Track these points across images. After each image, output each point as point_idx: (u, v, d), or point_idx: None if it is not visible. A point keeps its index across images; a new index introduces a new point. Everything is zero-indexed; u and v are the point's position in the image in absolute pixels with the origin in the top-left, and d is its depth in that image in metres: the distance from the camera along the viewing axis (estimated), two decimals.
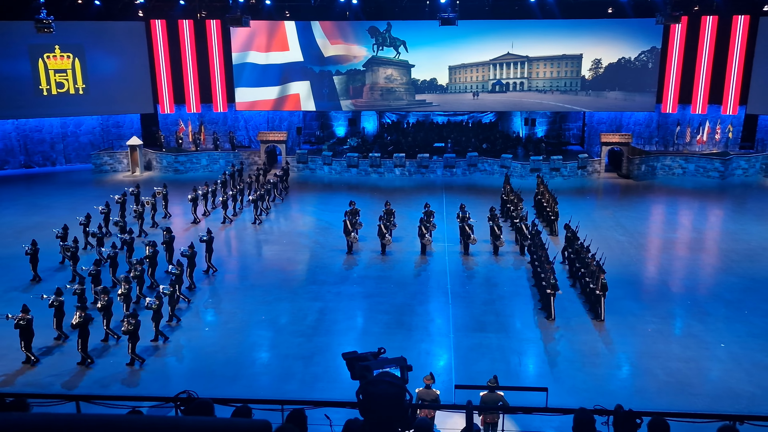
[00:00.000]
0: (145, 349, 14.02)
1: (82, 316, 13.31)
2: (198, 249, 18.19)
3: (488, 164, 31.65)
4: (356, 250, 20.51)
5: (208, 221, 23.77)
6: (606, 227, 23.13)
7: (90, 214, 21.10)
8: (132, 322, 13.23)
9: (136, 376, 13.12)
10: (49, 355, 13.91)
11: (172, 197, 25.25)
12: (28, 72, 31.86)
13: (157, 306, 14.28)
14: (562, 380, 12.69)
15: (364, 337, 14.55)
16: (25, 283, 17.81)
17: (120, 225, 20.63)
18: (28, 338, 13.40)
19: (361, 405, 3.00)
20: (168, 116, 34.94)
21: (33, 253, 17.88)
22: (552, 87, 33.16)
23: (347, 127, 36.53)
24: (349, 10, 32.85)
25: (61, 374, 13.19)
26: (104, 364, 13.62)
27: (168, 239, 18.62)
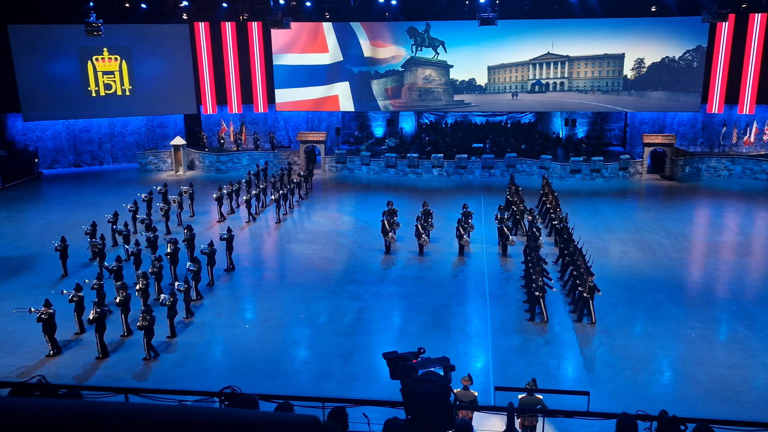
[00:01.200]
0: (185, 345, 14.40)
1: (98, 311, 13.79)
2: (218, 247, 18.53)
3: (527, 165, 31.36)
4: (394, 250, 20.63)
5: (233, 219, 24.23)
6: (648, 230, 22.69)
7: (117, 212, 21.77)
8: (147, 318, 13.65)
9: (176, 370, 13.48)
10: (68, 349, 14.39)
11: (207, 196, 25.72)
12: (77, 74, 32.96)
13: (172, 303, 14.68)
14: (602, 385, 12.53)
15: (402, 337, 14.64)
16: (54, 279, 18.43)
17: (146, 223, 21.21)
18: (51, 331, 13.95)
19: (406, 403, 3.08)
20: (210, 117, 35.70)
21: (62, 249, 18.56)
22: (593, 87, 32.66)
23: (385, 127, 36.68)
24: (388, 10, 32.99)
25: (80, 366, 13.65)
26: (118, 358, 14.01)
27: (189, 237, 19.12)
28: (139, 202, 23.26)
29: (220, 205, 24.38)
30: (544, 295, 15.44)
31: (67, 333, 14.91)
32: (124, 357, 14.07)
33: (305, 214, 25.80)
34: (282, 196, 24.77)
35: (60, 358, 13.96)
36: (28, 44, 31.88)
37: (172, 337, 14.77)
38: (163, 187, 24.97)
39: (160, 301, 15.06)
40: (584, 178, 30.56)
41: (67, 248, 18.63)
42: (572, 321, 15.50)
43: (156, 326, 14.02)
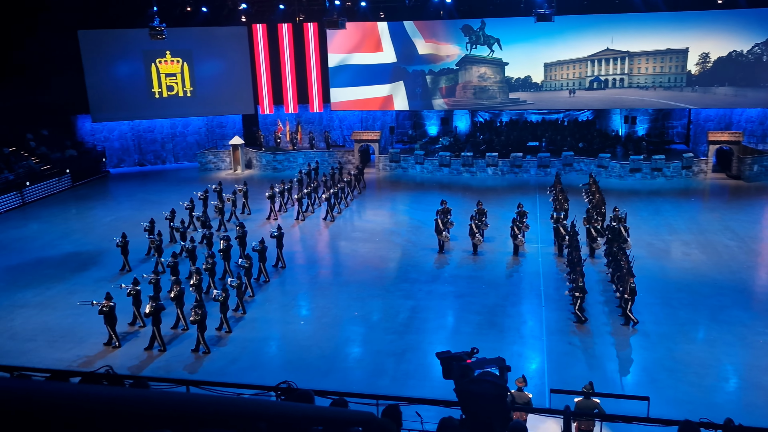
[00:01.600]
0: (242, 340, 14.79)
1: (154, 305, 14.29)
2: (269, 244, 18.86)
3: (584, 164, 30.64)
4: (448, 249, 20.56)
5: (285, 217, 24.72)
6: (713, 231, 21.81)
7: (175, 210, 22.50)
8: (199, 312, 14.07)
9: (233, 364, 13.86)
10: (126, 341, 15.00)
11: (261, 194, 26.28)
12: (142, 76, 34.28)
13: (224, 298, 15.07)
14: (663, 390, 12.15)
15: (455, 337, 14.60)
16: (115, 273, 19.21)
17: (201, 220, 21.86)
18: (112, 323, 14.58)
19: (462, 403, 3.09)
20: (267, 116, 36.47)
21: (123, 245, 19.36)
22: (655, 83, 31.59)
23: (439, 126, 36.57)
24: (443, 9, 32.86)
25: (136, 357, 14.23)
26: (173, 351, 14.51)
27: (241, 234, 19.55)
28: (195, 200, 24.02)
29: (273, 203, 24.88)
30: (583, 296, 15.08)
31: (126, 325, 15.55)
32: (178, 350, 14.57)
33: (356, 213, 26.03)
34: (333, 194, 25.07)
35: (119, 349, 14.58)
36: (96, 48, 33.37)
37: (228, 332, 15.19)
38: (218, 185, 25.67)
39: (213, 297, 15.54)
40: (645, 177, 29.62)
41: (127, 244, 19.44)
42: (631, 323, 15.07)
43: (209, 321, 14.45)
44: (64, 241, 22.73)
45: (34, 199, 28.96)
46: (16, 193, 28.33)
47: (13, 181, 28.65)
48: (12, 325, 15.95)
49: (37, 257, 21.10)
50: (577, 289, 15.16)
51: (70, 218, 26.28)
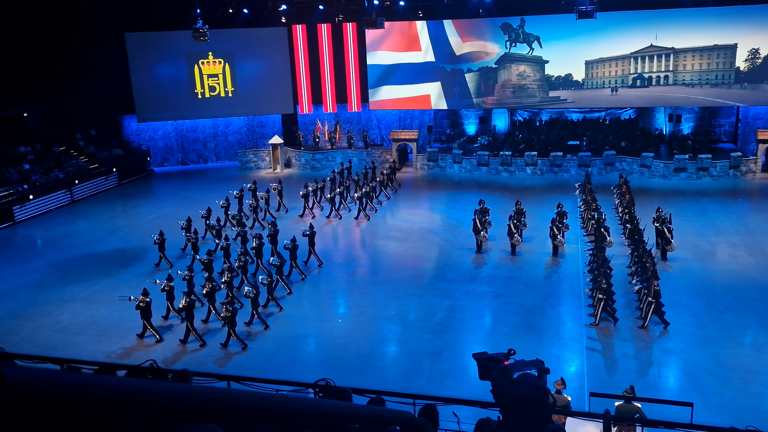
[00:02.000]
0: (280, 337, 14.98)
1: (187, 301, 14.64)
2: (300, 243, 19.06)
3: (627, 163, 29.98)
4: (485, 249, 20.42)
5: (318, 216, 25.00)
6: (762, 232, 21.08)
7: (211, 208, 22.93)
8: (230, 309, 14.33)
9: (271, 360, 14.05)
10: (163, 333, 15.41)
11: (295, 192, 26.55)
12: (185, 77, 35.05)
13: (255, 295, 15.33)
14: (707, 396, 11.83)
15: (493, 338, 14.50)
16: (152, 269, 19.70)
17: (236, 218, 22.19)
18: (148, 318, 15.02)
19: (502, 404, 3.08)
20: (306, 116, 36.83)
21: (160, 242, 19.88)
22: (701, 80, 30.66)
23: (478, 125, 36.29)
24: (482, 7, 32.60)
25: (169, 351, 14.62)
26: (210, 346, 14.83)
27: (273, 232, 19.79)
28: (231, 199, 24.50)
29: (306, 202, 25.16)
30: (606, 298, 14.82)
31: (160, 319, 16.00)
32: (214, 345, 14.84)
33: (393, 212, 26.04)
34: (365, 193, 25.20)
35: (153, 343, 15.03)
36: (142, 50, 34.28)
37: (266, 328, 15.44)
38: (253, 184, 26.05)
39: (244, 294, 15.83)
40: (690, 177, 28.80)
41: (164, 241, 19.97)
42: (676, 327, 14.69)
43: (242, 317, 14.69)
44: (110, 238, 23.44)
45: (83, 197, 29.96)
46: (66, 191, 29.36)
47: (63, 179, 29.70)
48: (61, 318, 16.54)
49: (85, 253, 21.83)
50: (600, 290, 14.89)
51: (116, 215, 27.10)
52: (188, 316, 14.75)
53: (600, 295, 14.93)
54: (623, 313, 15.54)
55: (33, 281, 19.42)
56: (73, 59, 31.88)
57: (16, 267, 20.83)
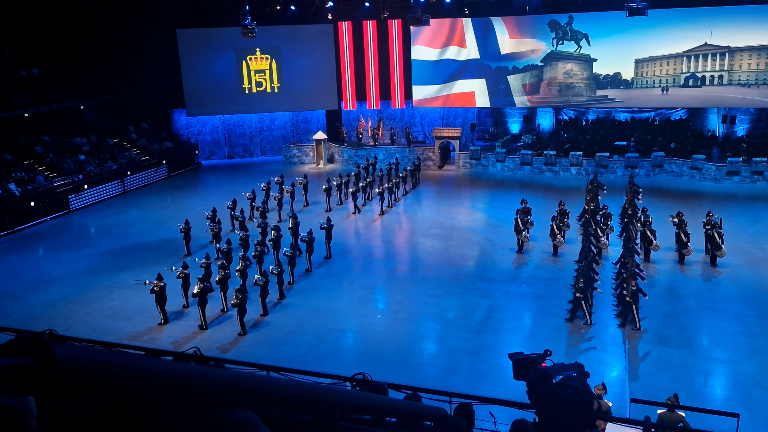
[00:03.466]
0: (320, 330, 15.18)
1: (201, 287, 15.10)
2: (318, 236, 19.42)
3: (676, 165, 29.12)
4: (527, 249, 20.18)
5: (340, 210, 25.42)
6: None
7: (236, 199, 23.48)
8: (239, 296, 14.72)
9: (312, 353, 14.23)
10: (175, 320, 16.03)
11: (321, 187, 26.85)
12: (234, 73, 35.75)
13: (264, 283, 15.72)
14: (756, 408, 11.43)
15: (532, 339, 14.33)
16: (179, 257, 20.11)
17: (260, 210, 22.71)
18: (162, 302, 15.59)
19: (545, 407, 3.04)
20: (350, 112, 37.06)
21: (186, 231, 20.56)
22: (758, 80, 29.50)
23: (522, 123, 35.83)
24: (528, 4, 32.17)
25: (179, 335, 15.17)
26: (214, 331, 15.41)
27: (294, 225, 20.22)
28: (258, 191, 25.09)
29: (329, 196, 25.51)
30: (582, 297, 14.84)
31: (177, 305, 16.60)
32: (221, 330, 15.43)
33: (434, 209, 25.91)
34: (387, 189, 25.39)
35: (166, 327, 15.66)
36: (192, 46, 35.13)
37: (264, 315, 15.96)
38: (280, 177, 26.53)
39: (254, 282, 16.26)
40: (743, 181, 27.77)
41: (190, 230, 20.68)
42: (725, 335, 14.22)
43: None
44: (159, 228, 24.15)
45: (134, 188, 30.97)
46: (118, 182, 30.40)
47: (116, 170, 30.76)
48: (112, 304, 17.16)
49: (136, 242, 22.56)
50: (577, 289, 14.90)
51: (165, 206, 27.90)
52: (201, 301, 15.31)
53: (577, 294, 14.91)
54: (660, 321, 15.15)
55: (86, 268, 20.20)
56: (127, 55, 32.94)
57: (71, 254, 21.70)
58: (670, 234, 19.35)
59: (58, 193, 27.37)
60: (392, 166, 28.82)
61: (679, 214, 19.49)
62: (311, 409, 2.03)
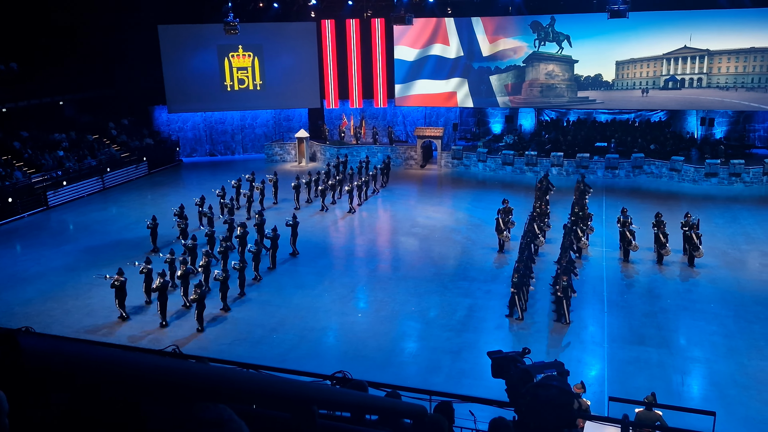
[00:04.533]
0: (302, 329, 15.11)
1: (161, 281, 15.16)
2: (284, 233, 19.60)
3: (656, 167, 29.49)
4: (508, 249, 20.29)
5: (309, 208, 25.59)
6: None
7: (204, 196, 23.48)
8: (198, 292, 14.82)
9: (293, 351, 14.17)
10: (138, 314, 16.10)
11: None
12: (216, 70, 35.45)
13: (224, 278, 15.80)
14: (732, 407, 11.61)
15: (513, 338, 14.41)
16: (144, 253, 19.92)
17: (228, 207, 22.90)
18: (122, 297, 15.62)
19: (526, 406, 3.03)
20: (333, 111, 36.96)
21: (153, 227, 20.54)
22: (736, 83, 29.98)
23: (504, 124, 36.01)
24: (511, 4, 32.33)
25: (138, 329, 15.27)
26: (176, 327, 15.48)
27: (259, 222, 20.36)
28: (228, 188, 25.22)
29: (298, 194, 25.59)
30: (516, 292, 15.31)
31: (138, 300, 16.66)
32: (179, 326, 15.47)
33: (415, 209, 25.94)
34: (356, 187, 25.51)
35: (127, 322, 15.70)
36: (174, 43, 34.74)
37: (226, 311, 16.04)
38: (251, 175, 26.54)
39: (214, 277, 16.36)
40: (721, 183, 28.21)
41: (157, 226, 20.66)
42: (703, 335, 14.43)
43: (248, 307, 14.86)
44: (139, 225, 23.78)
45: (114, 185, 30.60)
46: (98, 179, 30.00)
47: (95, 166, 30.35)
48: (90, 302, 16.92)
49: (115, 239, 22.28)
50: (512, 284, 15.39)
51: (146, 203, 27.57)
52: (160, 297, 15.28)
53: (512, 289, 15.35)
54: (639, 321, 15.34)
55: (64, 265, 19.90)
56: (108, 51, 32.52)
57: (49, 251, 21.37)
58: (648, 234, 19.57)
59: (36, 189, 26.93)
60: (362, 165, 28.87)
61: (658, 215, 19.73)
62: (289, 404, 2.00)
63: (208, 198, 23.87)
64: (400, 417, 3.85)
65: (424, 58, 34.26)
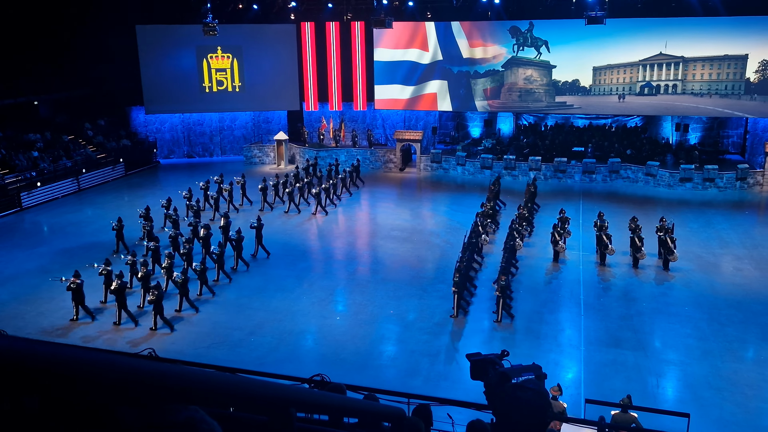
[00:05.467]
0: (280, 332, 15.01)
1: (119, 283, 15.13)
2: (248, 235, 19.76)
3: (632, 171, 29.92)
4: (487, 251, 20.39)
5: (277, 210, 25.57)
6: (767, 246, 20.97)
7: (171, 198, 23.42)
8: (155, 293, 14.84)
9: (271, 354, 14.06)
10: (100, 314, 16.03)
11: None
12: (194, 71, 35.12)
13: (182, 281, 15.88)
14: (706, 408, 11.78)
15: (491, 341, 14.48)
16: (107, 254, 19.67)
17: (194, 209, 22.79)
18: (79, 299, 15.49)
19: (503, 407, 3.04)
20: (312, 113, 36.85)
21: (118, 228, 20.42)
22: (710, 90, 30.56)
23: (482, 128, 36.25)
24: (491, 9, 32.58)
25: (94, 330, 15.21)
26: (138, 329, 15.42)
27: (225, 224, 20.31)
28: (196, 190, 25.16)
29: (265, 196, 25.54)
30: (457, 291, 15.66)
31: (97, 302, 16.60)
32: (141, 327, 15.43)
33: (395, 212, 25.96)
34: (324, 190, 25.54)
35: (85, 324, 15.58)
36: (152, 43, 34.35)
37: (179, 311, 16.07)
38: (219, 177, 26.48)
39: (173, 278, 16.39)
40: (695, 188, 28.73)
41: (122, 228, 20.54)
42: (677, 338, 14.64)
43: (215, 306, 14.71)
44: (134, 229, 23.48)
45: (90, 186, 30.11)
46: (73, 180, 29.50)
47: (71, 167, 29.83)
48: (64, 305, 16.57)
49: (90, 241, 21.91)
50: (453, 283, 15.74)
51: (122, 205, 27.14)
52: (119, 298, 15.24)
53: (453, 288, 15.70)
54: (615, 324, 15.52)
55: (39, 267, 19.51)
56: (84, 50, 32.02)
57: (23, 252, 20.94)
58: (625, 238, 19.82)
59: (9, 190, 26.39)
60: (332, 167, 28.89)
61: (633, 219, 20.00)
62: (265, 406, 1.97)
63: (174, 200, 23.67)
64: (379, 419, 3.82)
65: (404, 62, 34.34)
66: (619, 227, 20.69)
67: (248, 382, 1.86)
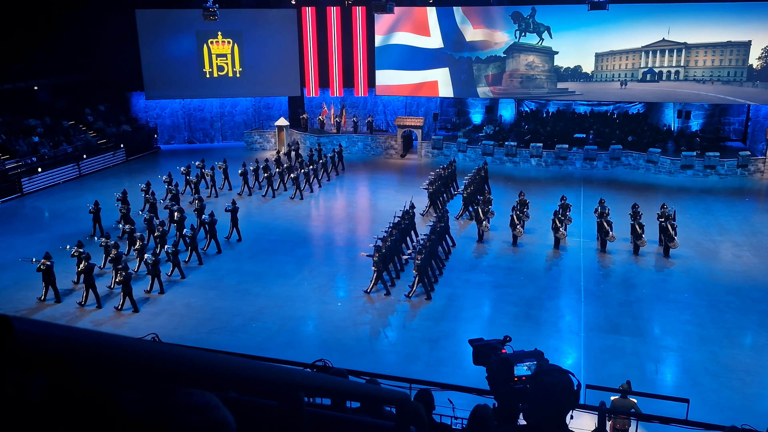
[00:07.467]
0: (282, 318, 15.08)
1: (87, 265, 15.42)
2: (221, 218, 20.04)
3: (633, 158, 29.86)
4: (487, 239, 20.42)
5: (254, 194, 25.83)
6: (767, 233, 21.00)
7: (150, 182, 23.51)
8: (123, 274, 15.13)
9: (272, 340, 14.14)
10: (68, 297, 16.33)
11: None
12: (194, 56, 34.93)
13: (153, 262, 16.18)
14: (705, 394, 11.87)
15: (491, 327, 14.55)
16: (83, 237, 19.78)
17: (173, 193, 22.94)
18: (49, 281, 15.75)
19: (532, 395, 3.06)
20: (313, 99, 36.70)
21: (95, 212, 20.75)
22: (712, 77, 30.40)
23: (484, 114, 36.13)
24: None
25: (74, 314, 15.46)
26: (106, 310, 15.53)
27: (199, 207, 20.71)
28: (176, 175, 25.42)
29: (245, 181, 25.66)
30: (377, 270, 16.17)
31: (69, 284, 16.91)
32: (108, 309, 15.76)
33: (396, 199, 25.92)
34: (303, 174, 25.65)
35: (56, 305, 15.89)
36: (152, 28, 34.14)
37: (161, 293, 16.42)
38: (201, 162, 26.62)
39: (144, 260, 16.72)
40: (696, 175, 28.69)
41: (99, 211, 20.83)
42: (676, 324, 14.71)
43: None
44: (116, 213, 23.43)
45: (90, 172, 30.10)
46: (74, 165, 29.47)
47: (71, 153, 29.79)
48: (64, 289, 16.63)
49: (91, 227, 21.86)
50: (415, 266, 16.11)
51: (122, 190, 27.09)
52: (86, 279, 15.47)
53: (414, 271, 16.12)
54: (615, 310, 15.59)
55: (39, 252, 19.44)
56: (84, 35, 31.81)
57: (23, 238, 20.98)
58: (625, 225, 19.84)
59: (10, 175, 26.39)
60: (314, 153, 28.91)
61: (634, 206, 20.01)
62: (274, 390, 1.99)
63: (153, 184, 23.80)
64: (384, 404, 3.86)
65: (405, 48, 34.14)
66: (620, 214, 20.70)
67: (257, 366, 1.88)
